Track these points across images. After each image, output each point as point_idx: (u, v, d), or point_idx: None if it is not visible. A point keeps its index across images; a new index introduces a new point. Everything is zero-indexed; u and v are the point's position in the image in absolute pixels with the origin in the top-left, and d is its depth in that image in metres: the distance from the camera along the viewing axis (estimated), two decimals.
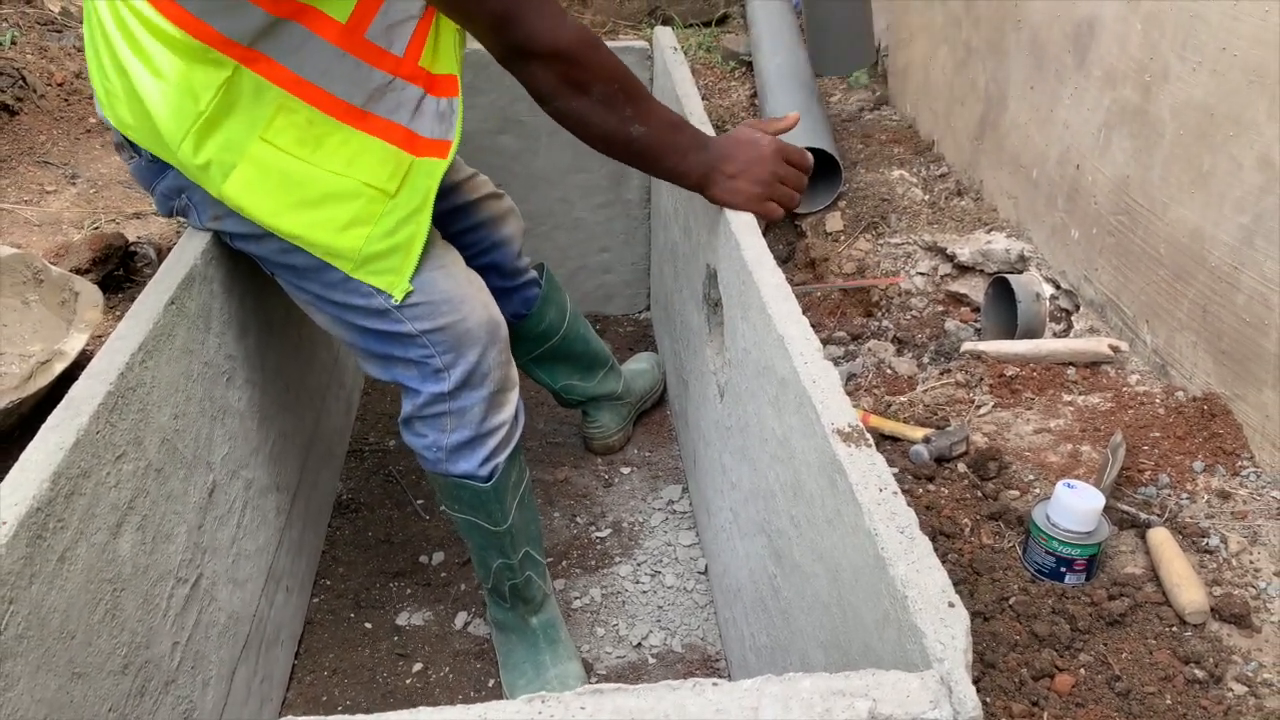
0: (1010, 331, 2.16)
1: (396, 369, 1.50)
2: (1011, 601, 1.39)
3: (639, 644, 1.84)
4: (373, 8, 1.36)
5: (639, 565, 2.01)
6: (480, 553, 1.68)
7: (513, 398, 1.57)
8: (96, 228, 2.52)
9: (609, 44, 2.40)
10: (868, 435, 1.09)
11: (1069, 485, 1.43)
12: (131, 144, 1.42)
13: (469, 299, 1.46)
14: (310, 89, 1.35)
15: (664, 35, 2.42)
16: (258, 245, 1.45)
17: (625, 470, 2.27)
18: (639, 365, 2.43)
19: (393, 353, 1.47)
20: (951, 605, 0.88)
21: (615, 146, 1.40)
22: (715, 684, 0.80)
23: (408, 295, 1.42)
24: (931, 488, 1.61)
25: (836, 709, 0.78)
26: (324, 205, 1.36)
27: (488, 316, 1.48)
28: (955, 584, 1.43)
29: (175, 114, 1.33)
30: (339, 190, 1.37)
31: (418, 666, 1.79)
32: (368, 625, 1.87)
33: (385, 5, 1.36)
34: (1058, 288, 2.17)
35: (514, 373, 1.57)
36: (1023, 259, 2.28)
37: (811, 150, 2.68)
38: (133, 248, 2.43)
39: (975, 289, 2.34)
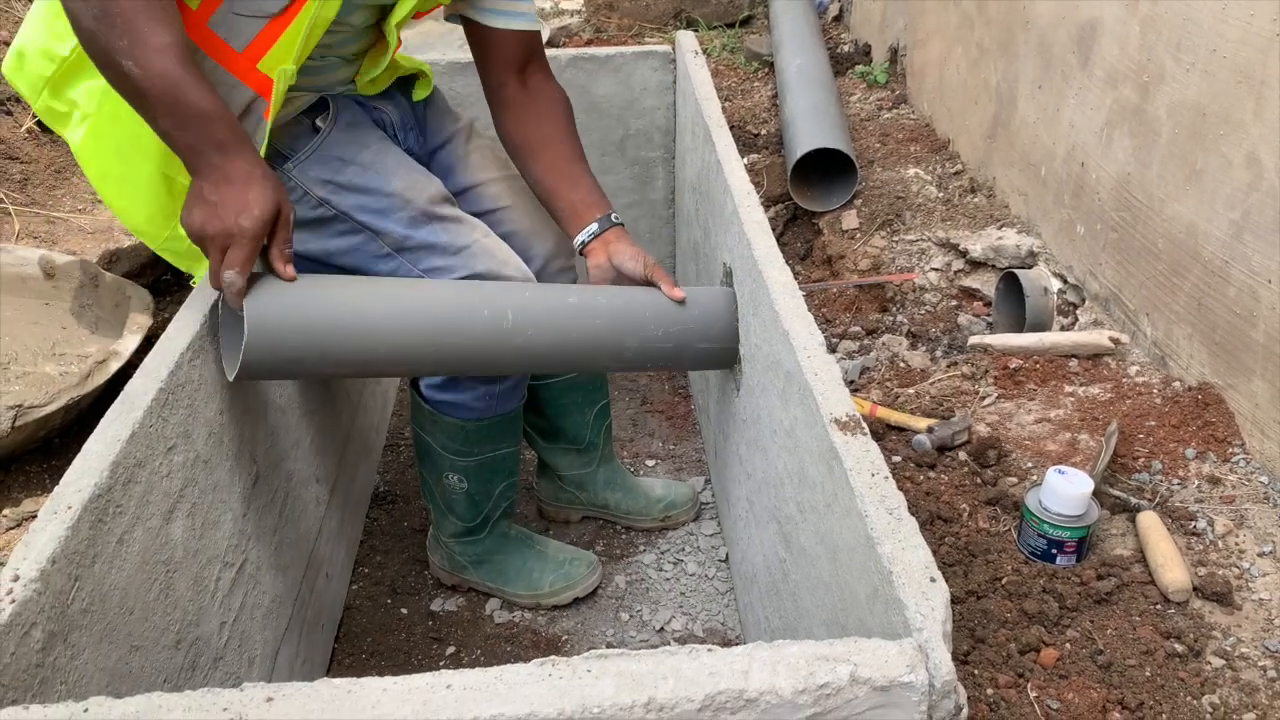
0: (1021, 325, 2.21)
1: None
2: (1004, 581, 1.46)
3: (661, 629, 1.91)
4: None
5: (663, 554, 2.07)
6: (485, 486, 1.81)
7: None
8: None
9: (634, 48, 2.49)
10: (863, 424, 1.15)
11: (1060, 471, 1.49)
12: None
13: (506, 261, 1.57)
14: None
15: (686, 39, 2.49)
16: (319, 240, 1.56)
17: (650, 463, 2.34)
18: (654, 490, 2.14)
19: None
20: (933, 580, 0.94)
21: (105, 69, 1.25)
22: (710, 650, 0.87)
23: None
24: (932, 475, 1.68)
25: (820, 672, 0.85)
26: (137, 186, 1.44)
27: (524, 274, 1.60)
28: (951, 565, 1.50)
29: (43, 54, 1.40)
30: (153, 182, 1.44)
31: (451, 650, 1.87)
32: (403, 611, 1.95)
33: None
34: (1065, 282, 2.22)
35: None
36: (1032, 254, 2.33)
37: (828, 150, 2.76)
38: None
39: (987, 284, 2.39)
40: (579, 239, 1.62)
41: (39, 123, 2.93)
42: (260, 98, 1.38)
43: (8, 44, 3.13)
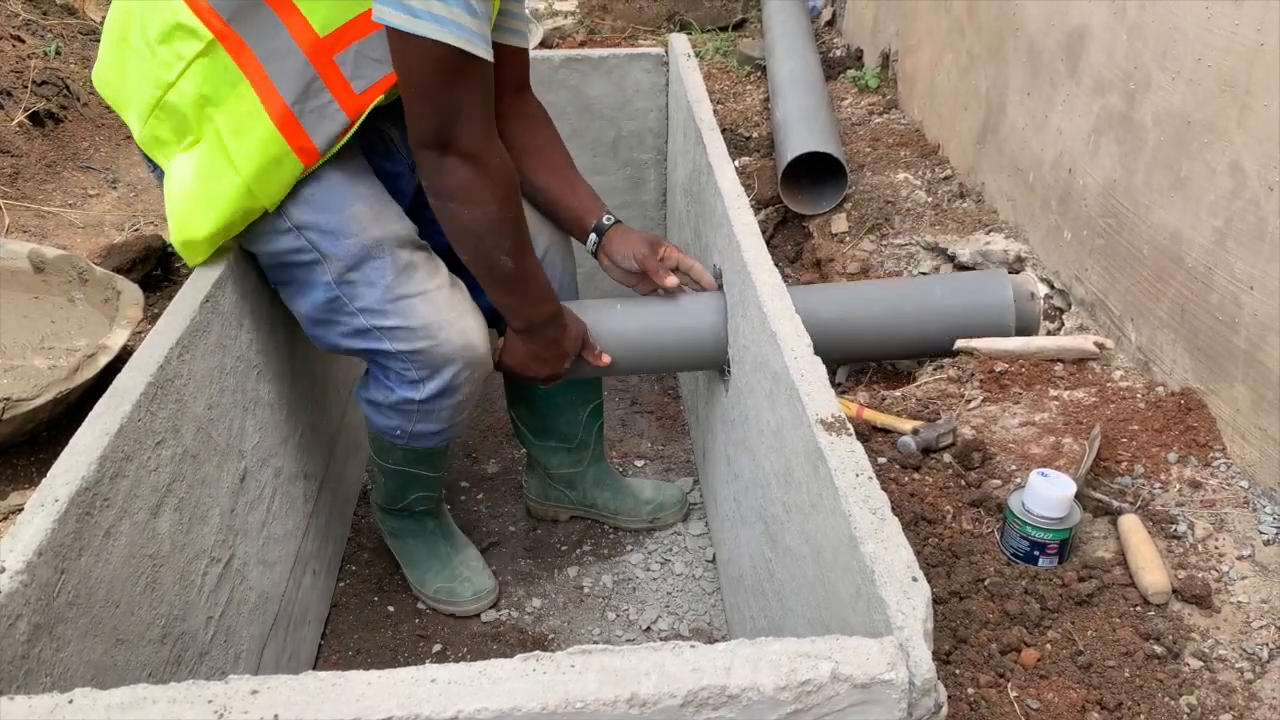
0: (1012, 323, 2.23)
1: (377, 361, 1.59)
2: (986, 582, 1.48)
3: (648, 628, 1.91)
4: (355, 34, 1.41)
5: (650, 554, 2.08)
6: (400, 489, 1.84)
7: (472, 405, 1.67)
8: (136, 230, 2.63)
9: (627, 50, 2.50)
10: (849, 425, 1.16)
11: (1043, 474, 1.51)
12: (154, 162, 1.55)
13: (446, 325, 1.52)
14: (265, 81, 1.41)
15: (679, 42, 2.50)
16: (268, 247, 1.54)
17: (639, 463, 2.35)
18: (643, 492, 2.15)
19: (376, 359, 1.59)
20: (915, 580, 0.95)
21: (478, 260, 1.47)
22: (693, 646, 0.88)
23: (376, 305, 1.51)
24: (917, 476, 1.70)
25: (802, 669, 0.86)
26: (216, 201, 1.46)
27: (463, 342, 1.53)
28: (934, 566, 1.52)
29: (149, 79, 1.44)
30: (226, 193, 1.45)
31: (437, 647, 1.87)
32: (390, 609, 1.95)
33: (370, 36, 1.40)
34: (1051, 287, 2.24)
35: (480, 390, 1.66)
36: (1020, 259, 2.35)
37: (818, 154, 2.77)
38: (170, 249, 2.55)
39: None
40: (587, 248, 1.75)
41: (30, 116, 2.92)
42: (349, 122, 1.46)
43: None
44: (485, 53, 1.31)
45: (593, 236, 1.71)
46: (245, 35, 1.40)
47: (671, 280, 1.66)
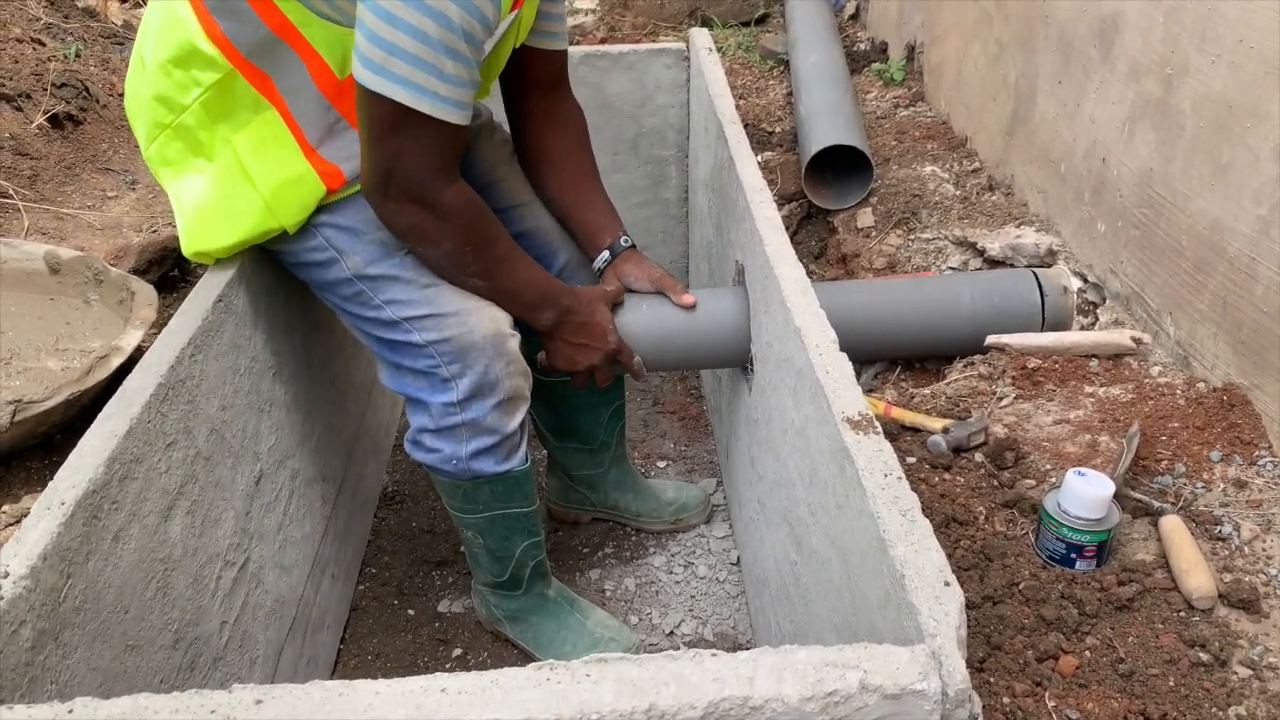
0: (1040, 324, 2.18)
1: (406, 379, 1.54)
2: (1021, 586, 1.43)
3: (671, 632, 1.88)
4: None
5: (673, 556, 2.05)
6: (503, 544, 1.70)
7: (523, 408, 1.59)
8: (154, 231, 2.63)
9: (648, 45, 2.47)
10: (876, 423, 1.12)
11: (1080, 473, 1.46)
12: None
13: (474, 311, 1.48)
14: (289, 116, 1.42)
15: (700, 36, 2.47)
16: (284, 246, 1.52)
17: (661, 464, 2.32)
18: (665, 493, 2.13)
19: (403, 362, 1.52)
20: (947, 584, 0.92)
21: (455, 284, 1.49)
22: (714, 655, 0.85)
23: (407, 310, 1.48)
24: (948, 477, 1.65)
25: (829, 679, 0.83)
26: (238, 217, 1.44)
27: (494, 329, 1.49)
28: (966, 569, 1.47)
29: (161, 100, 1.44)
30: (246, 211, 1.44)
31: (457, 652, 1.85)
32: (410, 612, 1.93)
33: None
34: (1085, 281, 2.19)
35: (525, 388, 1.59)
36: (1051, 253, 2.30)
37: (843, 147, 2.73)
38: None
39: None
40: (595, 265, 1.71)
41: (50, 119, 2.92)
42: None
43: (20, 41, 3.13)
44: (440, 113, 1.28)
45: (605, 254, 1.68)
46: (266, 69, 1.39)
47: (689, 299, 1.66)
